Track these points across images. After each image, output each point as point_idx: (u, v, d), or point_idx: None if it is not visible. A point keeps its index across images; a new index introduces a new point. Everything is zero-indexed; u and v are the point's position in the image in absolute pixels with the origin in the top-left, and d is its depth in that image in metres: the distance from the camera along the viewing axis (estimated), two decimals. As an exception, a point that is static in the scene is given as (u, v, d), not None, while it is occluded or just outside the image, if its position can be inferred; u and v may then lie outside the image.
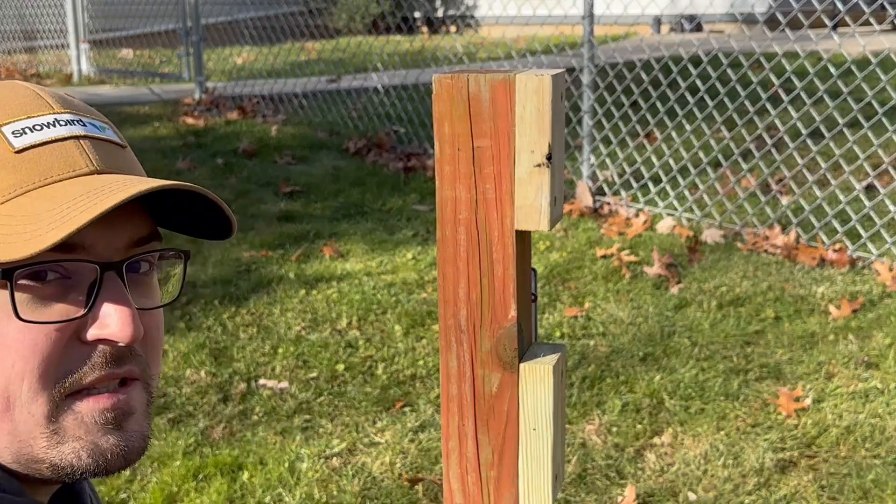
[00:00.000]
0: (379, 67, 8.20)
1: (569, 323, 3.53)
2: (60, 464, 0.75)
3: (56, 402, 0.74)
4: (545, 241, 4.40)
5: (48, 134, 0.76)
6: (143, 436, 0.79)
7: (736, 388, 3.04)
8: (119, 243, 0.77)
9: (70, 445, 0.75)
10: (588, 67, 4.89)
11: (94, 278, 0.75)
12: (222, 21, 10.23)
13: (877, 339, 3.34)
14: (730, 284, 3.82)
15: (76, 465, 0.75)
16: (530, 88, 1.03)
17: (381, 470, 2.66)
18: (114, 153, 0.79)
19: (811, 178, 4.46)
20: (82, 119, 0.79)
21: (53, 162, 0.75)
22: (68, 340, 0.74)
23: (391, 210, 4.98)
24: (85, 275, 0.75)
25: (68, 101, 0.80)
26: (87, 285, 0.75)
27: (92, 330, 0.74)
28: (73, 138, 0.76)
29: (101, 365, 0.75)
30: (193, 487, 2.59)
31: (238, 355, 3.33)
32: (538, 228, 1.06)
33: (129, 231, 0.77)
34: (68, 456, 0.75)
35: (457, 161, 1.07)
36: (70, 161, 0.75)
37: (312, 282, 3.97)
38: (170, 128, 6.94)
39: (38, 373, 0.73)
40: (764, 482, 2.58)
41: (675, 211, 4.68)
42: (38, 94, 0.79)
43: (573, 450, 2.74)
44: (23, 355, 0.72)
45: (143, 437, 0.78)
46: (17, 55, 11.41)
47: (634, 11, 5.63)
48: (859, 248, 4.08)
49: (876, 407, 2.91)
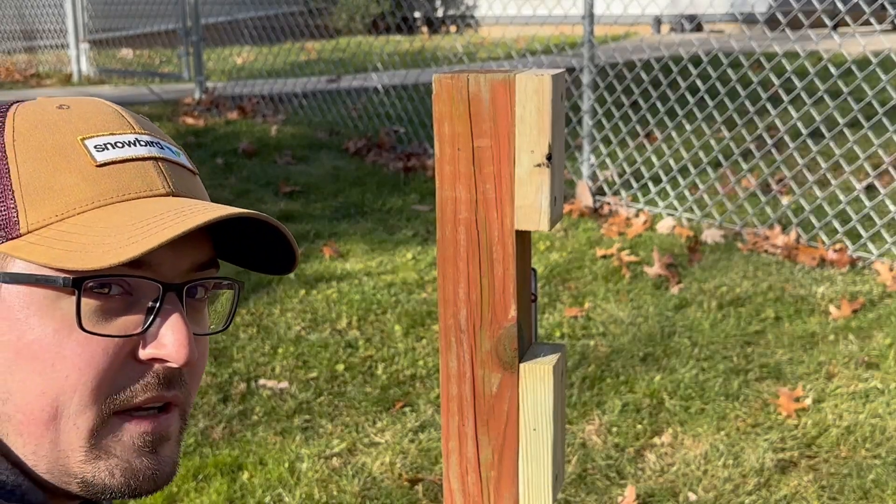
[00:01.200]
0: (379, 67, 8.20)
1: (569, 323, 3.53)
2: (93, 480, 0.75)
3: (103, 417, 0.74)
4: (545, 241, 4.40)
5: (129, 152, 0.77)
6: (174, 462, 0.79)
7: (736, 388, 3.04)
8: (183, 266, 0.77)
9: (106, 463, 0.75)
10: (588, 67, 4.89)
11: (156, 297, 0.75)
12: (222, 21, 10.22)
13: (877, 339, 3.33)
14: (730, 284, 3.82)
15: (108, 483, 0.75)
16: (530, 88, 1.03)
17: (381, 470, 2.65)
18: (187, 178, 0.81)
19: (811, 178, 4.45)
20: (160, 142, 0.80)
21: (133, 179, 0.76)
22: (125, 357, 0.74)
23: (391, 210, 4.98)
24: (147, 293, 0.75)
25: (148, 125, 0.82)
26: (147, 303, 0.75)
27: (148, 349, 0.75)
28: (152, 159, 0.78)
29: (153, 385, 0.75)
30: (193, 487, 2.59)
31: (238, 355, 3.33)
32: (538, 228, 1.06)
33: (193, 255, 0.78)
34: (102, 473, 0.75)
35: (457, 161, 1.07)
36: (148, 180, 0.77)
37: (312, 282, 3.96)
38: (170, 128, 6.94)
39: (92, 386, 0.73)
40: (764, 482, 2.58)
41: (675, 211, 4.68)
42: (121, 113, 0.81)
43: (573, 450, 2.74)
44: (78, 367, 0.72)
45: (173, 463, 0.78)
46: (17, 55, 11.41)
47: (634, 11, 5.63)
48: (859, 248, 4.07)
49: (876, 407, 2.91)
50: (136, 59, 10.90)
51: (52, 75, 10.30)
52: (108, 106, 0.81)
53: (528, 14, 6.02)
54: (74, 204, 0.74)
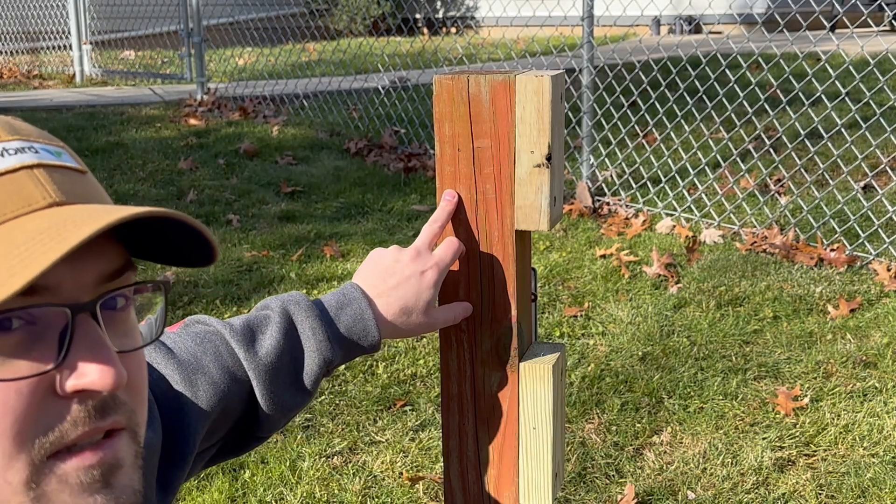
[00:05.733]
0: (380, 68, 8.21)
1: (568, 322, 3.54)
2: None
3: (36, 464, 0.65)
4: (545, 241, 4.42)
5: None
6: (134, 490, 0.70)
7: (734, 387, 3.05)
8: (88, 280, 0.67)
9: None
10: (587, 68, 4.91)
11: (65, 323, 0.66)
12: (224, 22, 10.24)
13: (875, 338, 3.35)
14: (728, 284, 3.84)
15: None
16: (530, 89, 1.04)
17: (381, 469, 2.67)
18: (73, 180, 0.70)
19: (809, 178, 4.47)
20: (33, 145, 0.69)
21: (5, 198, 0.65)
22: (43, 395, 0.65)
23: (392, 210, 4.99)
24: (54, 320, 0.66)
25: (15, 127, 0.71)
26: (57, 331, 0.66)
27: (69, 381, 0.65)
28: (24, 168, 0.67)
29: (83, 420, 0.66)
30: (195, 486, 2.60)
31: (239, 355, 3.34)
32: (538, 228, 1.07)
33: (100, 265, 0.68)
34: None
35: (457, 161, 1.08)
36: (24, 195, 0.66)
37: (313, 282, 3.98)
38: (172, 128, 6.95)
39: (12, 435, 0.64)
40: (762, 481, 2.59)
41: (674, 211, 4.70)
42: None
43: (572, 448, 2.76)
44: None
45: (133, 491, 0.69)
46: (20, 56, 11.43)
47: (633, 13, 5.64)
48: (857, 247, 4.09)
49: (874, 406, 2.93)
50: (138, 60, 10.92)
51: (55, 76, 10.31)
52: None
53: (528, 15, 6.03)
54: None
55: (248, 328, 1.03)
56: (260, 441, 1.06)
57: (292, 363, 1.04)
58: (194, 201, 5.14)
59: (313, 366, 1.04)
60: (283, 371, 1.03)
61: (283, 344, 1.03)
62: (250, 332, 1.02)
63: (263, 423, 1.04)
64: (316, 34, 8.00)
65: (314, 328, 1.04)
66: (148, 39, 10.99)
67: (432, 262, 1.09)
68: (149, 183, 5.51)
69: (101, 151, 6.19)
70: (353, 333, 1.06)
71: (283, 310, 1.04)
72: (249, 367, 1.01)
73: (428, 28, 12.15)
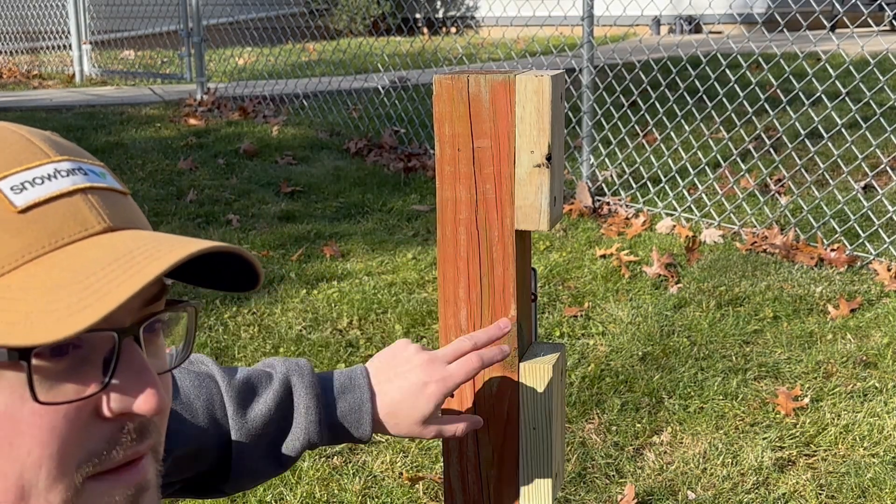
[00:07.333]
0: (380, 68, 8.21)
1: (568, 322, 3.54)
2: None
3: (76, 488, 0.65)
4: (545, 241, 4.42)
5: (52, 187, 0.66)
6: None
7: (735, 387, 3.05)
8: (135, 305, 0.68)
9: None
10: (587, 68, 4.91)
11: (111, 347, 0.66)
12: (223, 22, 10.24)
13: (875, 338, 3.35)
14: (728, 284, 3.84)
15: None
16: (530, 89, 1.04)
17: (381, 469, 2.67)
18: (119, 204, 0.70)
19: (810, 178, 4.47)
20: (82, 166, 0.69)
21: (63, 221, 0.65)
22: (88, 417, 0.65)
23: (392, 210, 4.99)
24: (100, 343, 0.66)
25: (61, 146, 0.71)
26: (102, 354, 0.66)
27: (115, 404, 0.66)
28: (79, 192, 0.67)
29: (127, 443, 0.67)
30: (195, 486, 2.61)
31: (239, 355, 3.34)
32: (538, 228, 1.07)
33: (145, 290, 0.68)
34: None
35: (457, 161, 1.08)
36: (80, 219, 0.66)
37: (313, 281, 3.98)
38: (172, 128, 6.96)
39: (58, 458, 0.64)
40: (762, 481, 2.59)
41: (674, 211, 4.70)
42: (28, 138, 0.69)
43: (573, 448, 2.76)
44: (40, 441, 0.64)
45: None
46: (20, 56, 11.43)
47: (633, 12, 5.64)
48: (857, 247, 4.09)
49: (874, 406, 2.93)
50: (137, 60, 10.92)
51: (55, 76, 10.31)
52: (12, 132, 0.69)
53: (528, 15, 6.03)
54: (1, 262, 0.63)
55: (245, 386, 1.03)
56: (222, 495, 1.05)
57: (277, 434, 1.04)
58: (194, 201, 5.14)
59: (296, 443, 1.04)
60: (265, 439, 1.03)
61: (275, 414, 1.03)
62: (246, 391, 1.03)
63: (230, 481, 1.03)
64: (316, 34, 8.00)
65: (309, 407, 1.04)
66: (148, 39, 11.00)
67: (439, 376, 1.05)
68: (148, 183, 5.51)
69: (100, 151, 6.19)
70: (347, 421, 1.05)
71: (285, 378, 1.05)
72: (234, 426, 1.01)
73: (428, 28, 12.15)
